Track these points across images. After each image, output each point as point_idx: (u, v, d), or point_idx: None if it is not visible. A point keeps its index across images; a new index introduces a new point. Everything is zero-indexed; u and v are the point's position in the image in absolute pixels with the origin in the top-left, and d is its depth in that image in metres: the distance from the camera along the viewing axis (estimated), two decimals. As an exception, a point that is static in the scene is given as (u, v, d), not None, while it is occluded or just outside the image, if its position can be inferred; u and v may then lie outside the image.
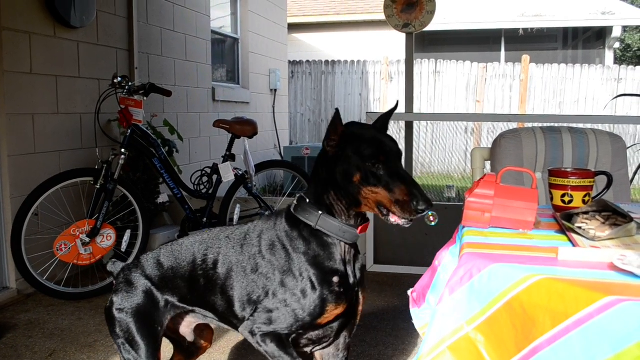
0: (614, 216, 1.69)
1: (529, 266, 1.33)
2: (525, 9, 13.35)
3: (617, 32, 13.38)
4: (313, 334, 1.85)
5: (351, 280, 1.84)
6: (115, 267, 2.13)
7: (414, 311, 1.83)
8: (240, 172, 4.54)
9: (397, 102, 2.18)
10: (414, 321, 1.79)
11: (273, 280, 1.80)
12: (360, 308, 1.93)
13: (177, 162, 5.04)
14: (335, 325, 1.86)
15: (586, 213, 1.76)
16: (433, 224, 1.89)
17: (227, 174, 4.44)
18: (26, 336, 3.35)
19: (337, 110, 1.78)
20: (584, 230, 1.62)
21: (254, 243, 1.89)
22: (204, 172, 4.54)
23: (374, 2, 13.26)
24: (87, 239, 3.87)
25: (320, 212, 1.78)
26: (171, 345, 2.26)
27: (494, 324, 1.31)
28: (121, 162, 4.02)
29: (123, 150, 4.04)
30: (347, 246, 1.83)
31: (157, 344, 1.98)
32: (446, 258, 1.80)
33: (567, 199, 1.96)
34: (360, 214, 1.82)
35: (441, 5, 5.34)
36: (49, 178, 3.84)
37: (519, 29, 13.53)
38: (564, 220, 1.73)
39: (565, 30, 14.62)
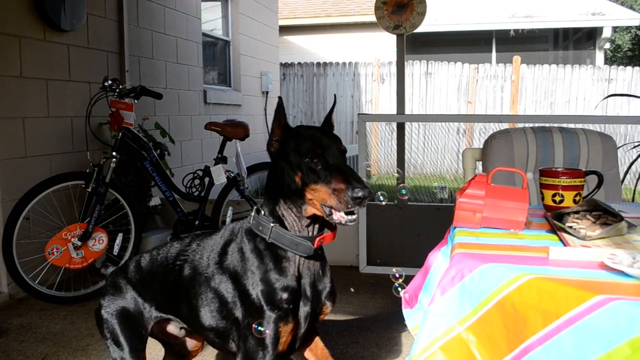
0: (605, 215, 1.69)
1: (520, 266, 1.33)
2: (515, 10, 13.40)
3: (607, 33, 13.45)
4: None
5: (307, 297, 1.81)
6: (108, 270, 2.20)
7: (406, 312, 1.83)
8: (232, 175, 4.54)
9: (335, 96, 2.18)
10: (407, 322, 1.79)
11: (229, 300, 1.81)
12: (321, 317, 1.92)
13: (169, 165, 5.03)
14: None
15: (577, 212, 1.77)
16: (400, 280, 1.87)
17: (219, 176, 4.43)
18: (18, 340, 3.33)
19: (279, 99, 1.79)
20: (575, 229, 1.62)
21: (216, 253, 1.89)
22: (195, 175, 4.54)
23: (365, 4, 13.28)
24: (79, 243, 3.86)
25: (272, 225, 1.75)
26: (162, 349, 2.25)
27: (486, 324, 1.31)
28: (112, 165, 4.00)
29: (114, 153, 4.03)
30: (304, 259, 1.79)
31: (142, 345, 2.03)
32: (438, 259, 1.80)
33: (558, 198, 1.96)
34: (316, 222, 1.78)
35: (432, 7, 5.35)
36: (40, 182, 3.82)
37: (510, 30, 13.57)
38: (555, 220, 1.74)
39: (556, 31, 14.68)
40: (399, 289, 1.85)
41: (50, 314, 3.74)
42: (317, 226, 1.79)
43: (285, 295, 1.74)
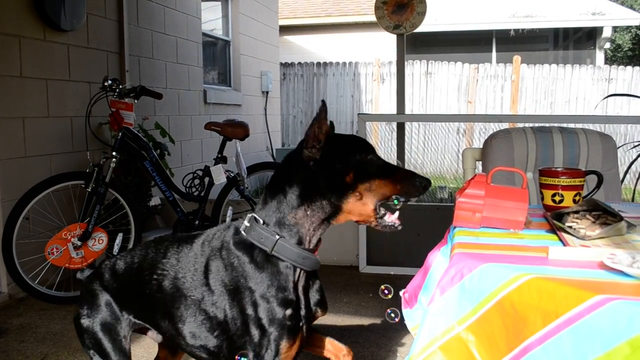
0: (604, 215, 1.69)
1: (520, 266, 1.33)
2: (516, 10, 13.39)
3: (607, 33, 13.45)
4: None
5: (303, 310, 1.71)
6: (83, 274, 2.09)
7: (406, 312, 1.83)
8: (232, 175, 4.54)
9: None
10: (406, 322, 1.79)
11: (222, 320, 1.68)
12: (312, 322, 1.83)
13: (169, 165, 5.03)
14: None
15: (576, 212, 1.77)
16: (389, 296, 1.86)
17: (219, 176, 4.43)
18: (18, 341, 3.33)
19: (323, 102, 1.64)
20: (575, 229, 1.62)
21: (201, 273, 1.74)
22: (195, 175, 4.54)
23: (365, 4, 13.27)
24: (79, 243, 3.86)
25: (277, 237, 1.63)
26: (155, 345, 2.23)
27: (485, 323, 1.31)
28: (112, 165, 4.00)
29: (114, 153, 4.03)
30: (302, 272, 1.70)
31: (126, 353, 1.94)
32: (438, 258, 1.80)
33: (557, 198, 1.96)
34: (321, 231, 1.70)
35: (432, 7, 5.35)
36: (40, 182, 3.82)
37: (510, 29, 13.56)
38: (555, 220, 1.74)
39: (556, 30, 14.68)
40: (392, 314, 1.84)
41: (50, 314, 3.74)
42: (319, 238, 1.72)
43: (288, 312, 1.64)
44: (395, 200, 1.62)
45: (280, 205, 1.66)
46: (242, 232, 1.69)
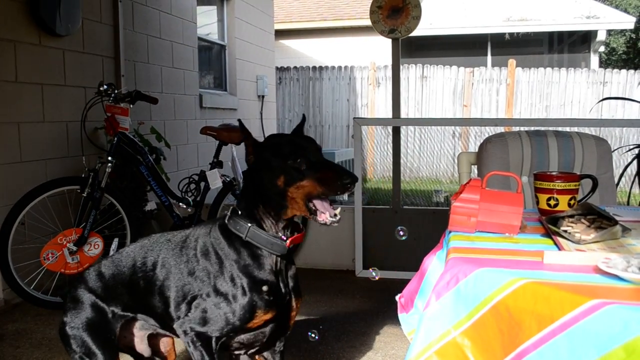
0: (599, 219, 1.70)
1: (515, 270, 1.33)
2: (510, 14, 13.43)
3: (601, 36, 13.49)
4: (244, 338, 1.93)
5: (282, 289, 1.93)
6: (64, 290, 2.20)
7: (402, 316, 1.83)
8: (228, 179, 4.53)
9: (304, 115, 2.21)
10: (402, 326, 1.79)
11: (207, 284, 1.88)
12: (293, 314, 2.02)
13: (165, 170, 5.03)
14: (267, 330, 1.94)
15: (572, 216, 1.77)
16: (404, 237, 2.00)
17: (215, 180, 4.43)
18: (13, 346, 3.32)
19: (239, 121, 1.99)
20: (570, 233, 1.62)
21: (191, 247, 1.98)
22: (191, 179, 4.53)
23: (360, 8, 13.30)
24: (75, 248, 3.85)
25: (249, 225, 1.86)
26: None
27: (481, 328, 1.31)
28: (108, 170, 4.00)
29: (110, 158, 4.03)
30: (278, 257, 1.91)
31: (114, 350, 2.03)
32: (433, 263, 1.80)
33: (552, 202, 1.97)
34: (291, 224, 1.90)
35: (427, 11, 5.36)
36: (35, 187, 3.81)
37: (505, 33, 13.61)
38: (550, 224, 1.74)
39: (551, 34, 14.73)
40: (312, 335, 2.01)
41: (46, 320, 3.73)
42: (289, 230, 1.90)
43: (265, 288, 1.86)
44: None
45: (248, 202, 1.91)
46: (225, 222, 1.94)
